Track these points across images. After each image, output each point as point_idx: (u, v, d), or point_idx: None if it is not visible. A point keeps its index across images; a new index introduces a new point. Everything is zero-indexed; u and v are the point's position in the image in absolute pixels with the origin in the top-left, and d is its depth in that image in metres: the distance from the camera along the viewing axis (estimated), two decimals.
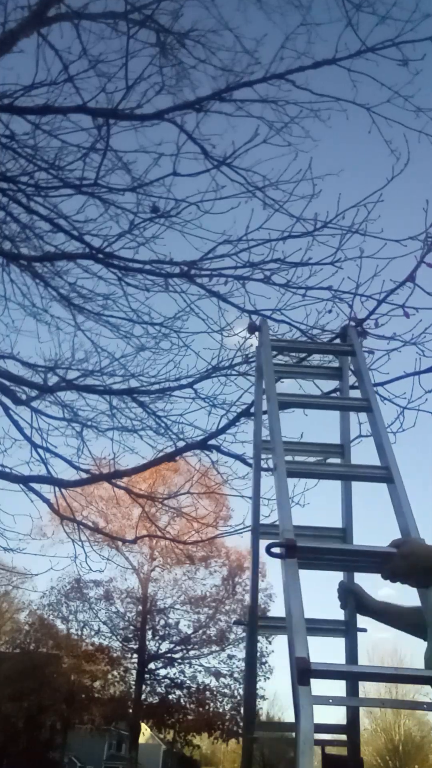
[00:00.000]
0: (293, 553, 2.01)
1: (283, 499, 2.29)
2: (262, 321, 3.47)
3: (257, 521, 3.00)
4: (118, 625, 32.76)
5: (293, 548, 2.02)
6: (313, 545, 2.38)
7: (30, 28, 5.40)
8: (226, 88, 5.32)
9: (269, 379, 2.96)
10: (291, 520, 2.19)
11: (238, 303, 5.18)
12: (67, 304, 6.19)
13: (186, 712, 31.50)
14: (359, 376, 3.11)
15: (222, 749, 53.70)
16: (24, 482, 5.59)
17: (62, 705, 30.01)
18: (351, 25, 4.92)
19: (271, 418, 2.76)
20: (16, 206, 5.78)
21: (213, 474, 5.95)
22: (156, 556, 32.15)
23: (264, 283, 5.03)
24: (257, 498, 3.09)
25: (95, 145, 5.29)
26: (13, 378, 5.96)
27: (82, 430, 6.33)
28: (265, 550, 2.06)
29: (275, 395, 2.85)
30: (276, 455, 2.52)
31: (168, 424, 5.97)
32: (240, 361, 5.37)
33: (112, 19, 5.52)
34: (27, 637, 33.10)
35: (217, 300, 5.25)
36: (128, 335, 6.08)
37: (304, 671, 1.69)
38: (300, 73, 5.14)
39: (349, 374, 3.40)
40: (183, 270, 5.27)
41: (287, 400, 3.01)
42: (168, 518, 18.72)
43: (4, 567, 22.89)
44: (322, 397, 3.90)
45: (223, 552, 32.64)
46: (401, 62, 4.92)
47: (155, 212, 5.32)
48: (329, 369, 3.68)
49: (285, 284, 4.96)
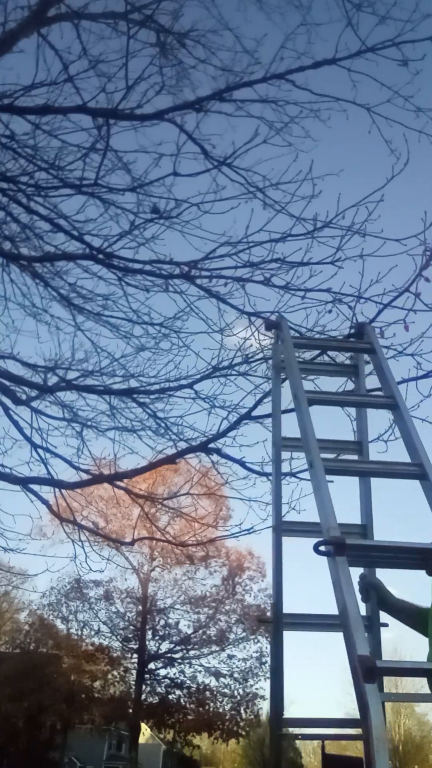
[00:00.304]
0: (342, 551, 2.01)
1: (323, 497, 2.28)
2: (280, 317, 3.47)
3: (279, 518, 3.00)
4: (118, 625, 32.78)
5: (342, 546, 2.02)
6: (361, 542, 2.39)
7: (30, 28, 5.39)
8: (226, 88, 5.32)
9: (295, 375, 2.95)
10: (335, 518, 2.18)
11: (237, 304, 5.19)
12: (67, 304, 6.19)
13: (186, 712, 31.48)
14: (381, 373, 3.10)
15: (222, 749, 53.71)
16: (23, 483, 5.58)
17: (62, 705, 29.99)
18: (351, 25, 4.92)
19: (301, 415, 2.73)
20: (16, 206, 5.78)
21: (213, 474, 5.95)
22: (156, 556, 32.16)
23: (264, 284, 5.03)
24: (279, 496, 3.09)
25: (95, 145, 5.28)
26: (13, 378, 5.95)
27: (82, 430, 6.33)
28: (313, 548, 2.06)
29: (303, 392, 2.83)
30: (311, 453, 2.50)
31: (168, 425, 5.97)
32: (240, 362, 5.37)
33: (112, 19, 5.52)
34: (27, 637, 33.10)
35: (216, 301, 5.25)
36: (128, 335, 6.08)
37: (370, 669, 1.68)
38: (300, 73, 5.14)
39: (365, 372, 3.39)
40: (183, 271, 5.27)
41: (310, 398, 3.00)
42: (168, 518, 18.73)
43: (3, 567, 22.90)
44: (345, 395, 3.88)
45: (223, 552, 32.65)
46: (401, 62, 4.91)
47: (156, 213, 5.31)
48: (345, 366, 3.67)
49: (285, 286, 4.96)
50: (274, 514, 3.05)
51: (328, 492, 2.30)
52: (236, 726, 31.21)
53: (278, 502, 3.07)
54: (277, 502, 3.08)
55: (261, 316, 5.08)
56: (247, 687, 31.65)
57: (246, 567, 33.22)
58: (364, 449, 3.11)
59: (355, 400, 3.55)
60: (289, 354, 3.10)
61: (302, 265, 4.89)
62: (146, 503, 7.08)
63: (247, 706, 31.53)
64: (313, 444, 2.54)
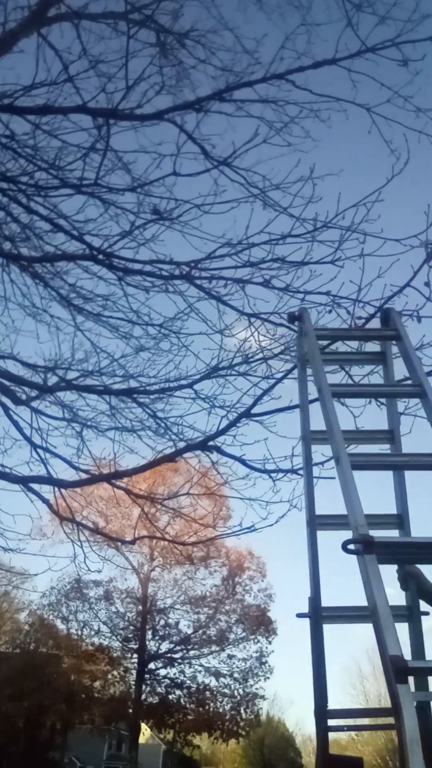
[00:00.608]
0: (371, 549, 1.97)
1: (351, 493, 2.23)
2: (303, 310, 3.43)
3: (313, 513, 2.97)
4: (118, 625, 32.78)
5: (371, 544, 1.98)
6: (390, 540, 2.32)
7: (30, 28, 5.39)
8: (226, 88, 5.32)
9: (318, 368, 2.90)
10: (363, 515, 2.14)
11: (237, 305, 5.19)
12: (66, 304, 6.19)
13: (186, 712, 31.48)
14: (408, 361, 3.02)
15: (222, 749, 53.71)
16: (24, 483, 5.58)
17: (62, 705, 29.99)
18: (351, 25, 4.93)
19: (326, 409, 2.68)
20: (16, 206, 5.78)
21: (213, 474, 5.95)
22: (156, 556, 32.17)
23: (263, 286, 5.04)
24: (311, 490, 3.05)
25: (95, 145, 5.28)
26: (13, 378, 5.95)
27: (82, 430, 6.33)
28: (341, 547, 2.03)
29: (327, 385, 2.78)
30: (337, 447, 2.46)
31: (168, 425, 5.97)
32: (240, 362, 5.38)
33: (112, 19, 5.52)
34: (27, 637, 33.08)
35: (216, 302, 5.25)
36: (128, 336, 6.08)
37: (402, 670, 1.66)
38: (300, 73, 5.14)
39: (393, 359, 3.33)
40: (183, 271, 5.27)
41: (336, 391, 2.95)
42: (168, 518, 18.73)
43: (3, 567, 22.90)
44: (371, 386, 3.84)
45: (223, 552, 32.66)
46: (401, 62, 4.92)
47: (156, 214, 5.32)
48: (371, 354, 3.59)
49: (284, 288, 4.96)
50: (307, 510, 3.03)
51: (355, 488, 2.25)
52: (236, 726, 31.21)
53: (311, 497, 3.04)
54: (309, 497, 3.04)
55: (260, 318, 5.09)
56: (247, 687, 31.68)
57: (246, 567, 33.25)
58: (396, 438, 3.06)
59: (382, 391, 3.50)
60: (312, 346, 3.06)
61: (302, 265, 4.90)
62: (146, 503, 7.08)
63: (247, 706, 31.54)
64: (338, 438, 2.49)
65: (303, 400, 3.31)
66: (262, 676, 31.86)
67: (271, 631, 32.61)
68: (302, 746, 63.21)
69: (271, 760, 54.70)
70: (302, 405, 3.30)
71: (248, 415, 4.85)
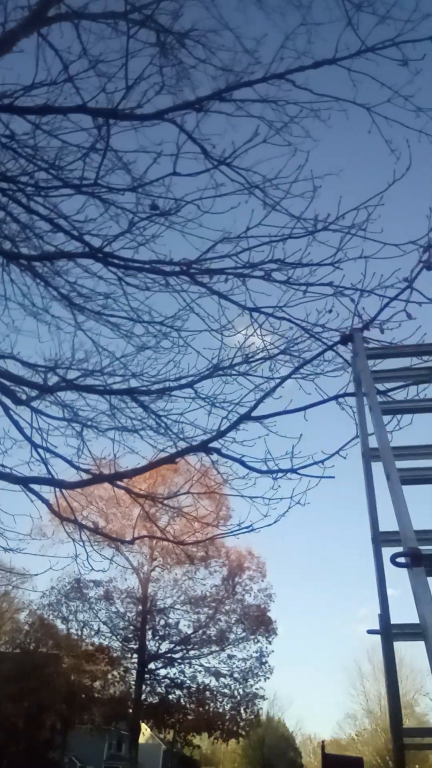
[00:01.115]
0: (419, 562, 2.00)
1: (400, 508, 2.29)
2: (355, 331, 3.52)
3: (377, 530, 3.05)
4: (118, 625, 32.79)
5: (419, 557, 2.01)
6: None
7: (30, 28, 5.39)
8: (226, 88, 5.32)
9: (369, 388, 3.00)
10: (412, 529, 2.18)
11: (238, 301, 5.19)
12: (67, 303, 6.19)
13: (186, 712, 31.49)
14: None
15: (222, 749, 53.73)
16: (24, 483, 5.58)
17: (62, 705, 30.01)
18: (351, 25, 4.93)
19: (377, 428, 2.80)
20: (16, 206, 5.78)
21: (213, 474, 5.95)
22: (156, 556, 32.17)
23: (265, 280, 5.03)
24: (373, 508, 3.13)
25: (95, 145, 5.28)
26: (14, 378, 5.95)
27: (82, 430, 6.32)
28: (389, 560, 2.07)
29: (378, 404, 2.91)
30: (387, 464, 2.55)
31: (168, 424, 5.97)
32: (240, 361, 5.38)
33: (112, 19, 5.52)
34: (27, 637, 33.09)
35: (217, 298, 5.25)
36: (128, 334, 6.08)
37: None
38: (300, 73, 5.14)
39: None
40: (183, 268, 5.27)
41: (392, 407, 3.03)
42: (168, 518, 18.73)
43: (3, 567, 22.89)
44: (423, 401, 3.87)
45: (223, 552, 32.67)
46: (401, 62, 4.92)
47: (154, 210, 5.31)
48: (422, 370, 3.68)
49: (286, 281, 4.96)
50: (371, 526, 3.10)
51: (404, 503, 2.31)
52: (236, 726, 31.22)
53: (374, 514, 3.11)
54: (372, 514, 3.12)
55: (262, 312, 5.08)
56: (247, 687, 31.69)
57: (246, 567, 33.25)
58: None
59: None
60: (363, 366, 3.17)
61: (302, 266, 4.90)
62: (146, 503, 7.08)
63: (247, 706, 31.55)
64: (388, 455, 2.58)
65: (361, 419, 3.41)
66: (262, 676, 31.90)
67: (271, 631, 32.64)
68: (302, 746, 63.25)
69: (271, 760, 54.71)
70: (360, 423, 3.41)
71: (249, 417, 4.85)
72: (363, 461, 3.28)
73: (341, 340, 3.76)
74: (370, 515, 3.10)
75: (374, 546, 3.00)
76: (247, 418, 4.89)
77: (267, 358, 5.26)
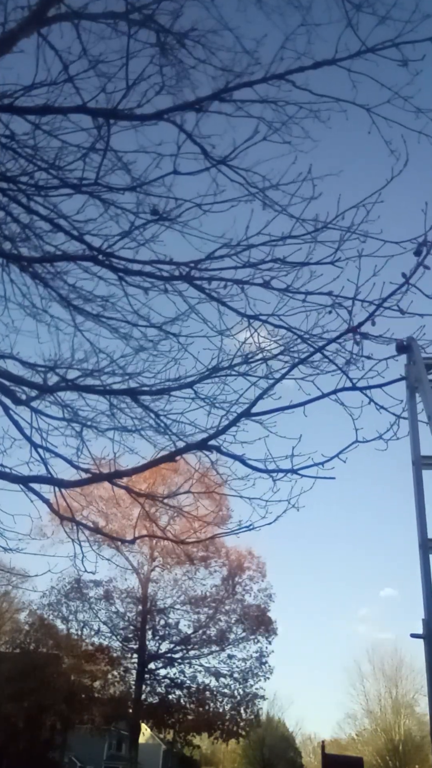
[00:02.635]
0: None
1: None
2: (411, 340, 3.54)
3: (425, 536, 3.10)
4: (118, 625, 32.79)
5: None
6: None
7: (30, 28, 5.39)
8: (226, 88, 5.32)
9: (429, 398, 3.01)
10: None
11: (237, 307, 5.19)
12: (66, 304, 6.19)
13: (186, 712, 31.49)
14: None
15: (222, 749, 53.73)
16: (24, 482, 5.58)
17: (62, 705, 29.99)
18: (351, 25, 4.93)
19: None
20: (16, 206, 5.78)
21: (213, 474, 5.95)
22: (156, 556, 32.16)
23: (264, 287, 5.04)
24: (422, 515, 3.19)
25: (95, 145, 5.29)
26: (13, 378, 5.95)
27: (82, 430, 6.32)
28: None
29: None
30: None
31: (168, 424, 5.97)
32: (239, 362, 5.38)
33: (112, 19, 5.51)
34: (27, 637, 33.09)
35: (216, 304, 5.26)
36: (128, 336, 6.09)
37: None
38: (300, 73, 5.15)
39: None
40: (183, 272, 5.28)
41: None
42: (168, 518, 18.74)
43: (3, 567, 22.90)
44: None
45: (223, 552, 32.67)
46: (401, 63, 4.92)
47: (155, 215, 5.32)
48: None
49: (284, 289, 4.97)
50: (419, 533, 3.15)
51: None
52: (236, 726, 31.22)
53: (422, 520, 3.17)
54: (421, 520, 3.17)
55: (260, 319, 5.09)
56: (247, 687, 31.68)
57: (246, 567, 33.24)
58: None
59: None
60: (422, 375, 3.19)
61: (302, 266, 4.90)
62: (146, 502, 7.09)
63: (247, 706, 31.55)
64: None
65: (413, 427, 3.45)
66: (262, 676, 31.90)
67: (271, 631, 32.64)
68: (302, 746, 63.24)
69: (271, 760, 54.71)
70: (412, 431, 3.46)
71: (248, 414, 4.85)
72: (413, 468, 3.35)
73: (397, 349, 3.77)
74: (419, 521, 3.18)
75: (422, 552, 3.07)
76: (246, 415, 4.88)
77: (267, 358, 5.26)
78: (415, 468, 3.29)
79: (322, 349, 4.61)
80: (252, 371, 5.34)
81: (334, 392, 4.37)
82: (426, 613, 3.00)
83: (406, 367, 3.66)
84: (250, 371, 5.34)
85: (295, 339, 5.09)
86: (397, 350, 3.81)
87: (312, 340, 4.95)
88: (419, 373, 3.27)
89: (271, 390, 4.81)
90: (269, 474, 4.72)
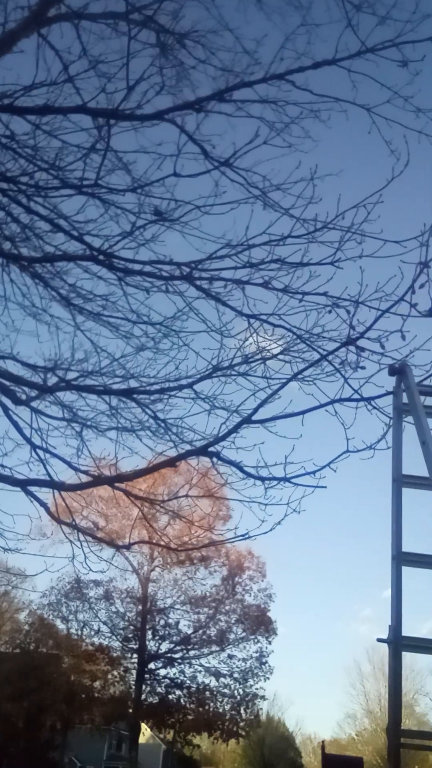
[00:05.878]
0: None
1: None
2: (404, 365, 3.56)
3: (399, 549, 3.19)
4: (118, 625, 32.82)
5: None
6: None
7: (30, 28, 5.39)
8: (226, 88, 5.32)
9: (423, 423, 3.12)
10: None
11: (236, 306, 5.19)
12: (66, 304, 6.19)
13: (186, 712, 31.50)
14: None
15: (222, 749, 53.70)
16: (23, 485, 5.57)
17: (62, 705, 30.01)
18: (351, 25, 4.92)
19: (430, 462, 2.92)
20: (16, 206, 5.77)
21: (213, 475, 5.94)
22: (156, 556, 32.18)
23: (263, 287, 5.04)
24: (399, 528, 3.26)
25: (95, 145, 5.28)
26: (13, 378, 5.95)
27: (82, 431, 6.32)
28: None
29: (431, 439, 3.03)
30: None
31: (167, 425, 5.97)
32: (240, 362, 5.37)
33: (113, 19, 5.51)
34: (27, 637, 33.10)
35: (215, 303, 5.25)
36: (128, 335, 6.08)
37: None
38: (300, 73, 5.14)
39: None
40: (183, 272, 5.27)
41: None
42: (167, 519, 18.73)
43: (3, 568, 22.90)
44: None
45: (223, 552, 32.66)
46: (401, 63, 4.92)
47: (158, 215, 5.32)
48: None
49: (283, 289, 4.96)
50: (393, 545, 3.23)
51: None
52: (236, 726, 31.23)
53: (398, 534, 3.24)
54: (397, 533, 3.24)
55: (259, 318, 5.08)
56: (247, 687, 31.70)
57: (246, 567, 33.26)
58: None
59: None
60: (415, 401, 3.24)
61: (302, 266, 4.89)
62: (144, 505, 7.08)
63: (247, 706, 31.56)
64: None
65: (396, 446, 3.53)
66: (262, 677, 31.92)
67: (271, 631, 32.65)
68: (302, 746, 63.22)
69: (271, 760, 54.69)
70: (395, 450, 3.52)
71: (250, 421, 4.85)
72: (393, 485, 3.40)
73: (390, 372, 3.77)
74: (395, 535, 3.24)
75: (394, 563, 3.14)
76: (247, 421, 4.88)
77: (267, 358, 5.26)
78: (395, 485, 3.36)
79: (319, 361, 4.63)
80: (252, 371, 5.34)
81: (331, 402, 4.40)
82: (393, 620, 3.12)
83: (395, 390, 3.69)
84: (250, 371, 5.34)
85: (295, 339, 5.09)
86: (389, 373, 3.81)
87: (311, 340, 4.94)
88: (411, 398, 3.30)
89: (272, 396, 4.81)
90: (262, 482, 4.73)
